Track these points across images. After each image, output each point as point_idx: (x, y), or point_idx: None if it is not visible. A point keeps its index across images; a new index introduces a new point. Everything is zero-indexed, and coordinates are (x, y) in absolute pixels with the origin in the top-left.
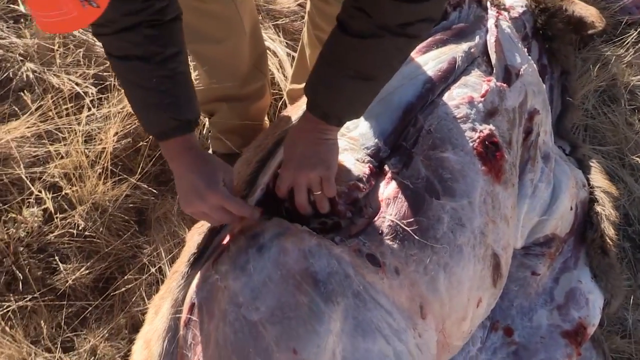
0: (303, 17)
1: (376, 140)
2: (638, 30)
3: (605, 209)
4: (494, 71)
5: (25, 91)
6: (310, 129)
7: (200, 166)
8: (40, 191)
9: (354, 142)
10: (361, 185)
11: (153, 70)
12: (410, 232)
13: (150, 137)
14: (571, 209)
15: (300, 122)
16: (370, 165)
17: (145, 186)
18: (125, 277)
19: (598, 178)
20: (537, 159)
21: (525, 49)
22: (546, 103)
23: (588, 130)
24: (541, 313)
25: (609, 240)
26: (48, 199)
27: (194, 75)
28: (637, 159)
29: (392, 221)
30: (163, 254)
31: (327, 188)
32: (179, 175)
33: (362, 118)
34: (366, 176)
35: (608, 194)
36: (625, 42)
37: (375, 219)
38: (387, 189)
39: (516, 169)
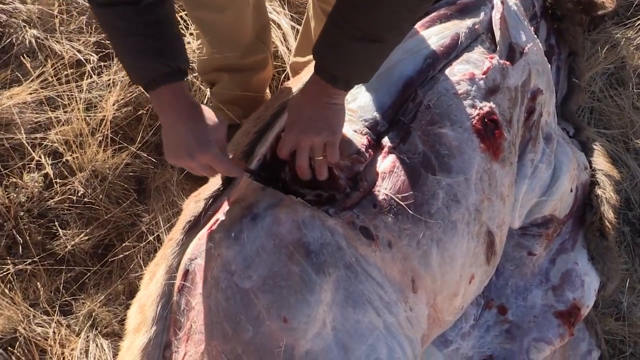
0: None
1: (375, 113)
2: None
3: (606, 192)
4: (498, 48)
5: (27, 57)
6: (318, 93)
7: (191, 119)
8: (40, 157)
9: (352, 114)
10: (362, 158)
11: (140, 14)
12: (405, 206)
13: (151, 105)
14: (571, 190)
15: (307, 86)
16: (368, 137)
17: (145, 155)
18: (124, 245)
19: (600, 161)
20: (538, 140)
21: (533, 28)
22: (550, 83)
23: (593, 113)
24: (536, 293)
25: (607, 224)
26: (48, 164)
27: (196, 44)
28: None
29: (387, 195)
30: (161, 222)
31: (331, 153)
32: (167, 126)
33: (362, 90)
34: (365, 147)
35: (610, 177)
36: (636, 24)
37: (371, 192)
38: (384, 163)
39: (515, 148)
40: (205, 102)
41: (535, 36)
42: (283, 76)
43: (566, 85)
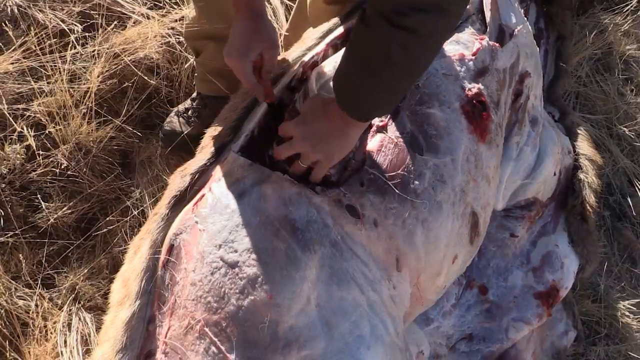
0: None
1: None
2: None
3: (588, 177)
4: (488, 30)
5: (9, 26)
6: (337, 115)
7: (247, 25)
8: (23, 128)
9: None
10: (349, 156)
11: None
12: (391, 185)
13: (136, 78)
14: (555, 174)
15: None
16: None
17: (130, 129)
18: (108, 219)
19: (584, 146)
20: (524, 122)
21: (523, 11)
22: (538, 66)
23: (579, 97)
24: (516, 274)
25: (588, 208)
26: (31, 136)
27: (188, 11)
28: (625, 129)
29: (374, 174)
30: (146, 197)
31: (316, 173)
32: (233, 22)
33: None
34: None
35: (592, 162)
36: (625, 10)
37: (358, 171)
38: (372, 141)
39: (502, 130)
40: (191, 72)
41: (525, 19)
42: None
43: (553, 69)
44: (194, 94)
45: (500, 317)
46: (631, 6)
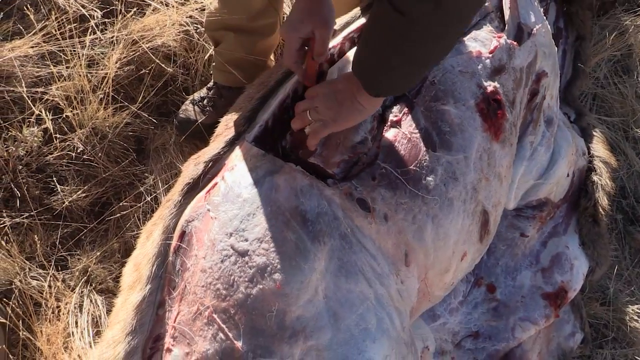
0: None
1: None
2: None
3: (602, 179)
4: (506, 28)
5: (30, 10)
6: (355, 80)
7: (306, 4)
8: (41, 111)
9: None
10: (364, 148)
11: None
12: (403, 181)
13: (153, 65)
14: (568, 175)
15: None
16: (376, 115)
17: (146, 115)
18: (121, 204)
19: (599, 148)
20: (539, 122)
21: (543, 10)
22: (556, 67)
23: (596, 99)
24: (525, 274)
25: (601, 210)
26: (48, 119)
27: (210, 1)
28: None
29: (386, 169)
30: (160, 183)
31: (314, 133)
32: (295, 2)
33: None
34: (371, 130)
35: (607, 164)
36: None
37: (370, 165)
38: (385, 136)
39: (516, 129)
40: (208, 61)
41: (545, 18)
42: None
43: (571, 70)
44: (210, 83)
45: (507, 316)
46: None
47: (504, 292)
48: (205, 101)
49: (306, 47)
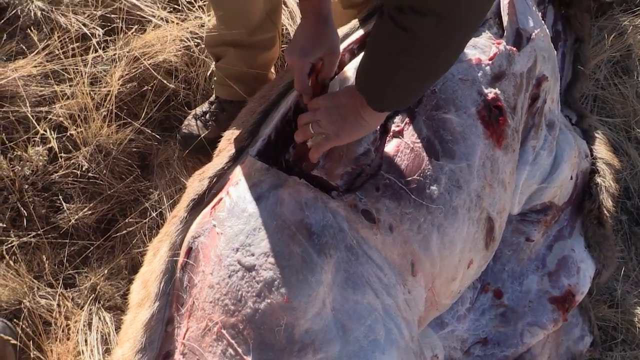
0: None
1: None
2: None
3: (606, 181)
4: (505, 34)
5: (32, 29)
6: (358, 96)
7: (313, 29)
8: (45, 130)
9: None
10: (367, 160)
11: None
12: (407, 190)
13: (155, 82)
14: (571, 178)
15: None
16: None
17: (149, 131)
18: (127, 220)
19: (602, 149)
20: (541, 126)
21: (541, 14)
22: (556, 70)
23: (597, 101)
24: (532, 278)
25: (606, 212)
26: (53, 138)
27: (207, 18)
28: None
29: (390, 179)
30: (164, 199)
31: (317, 147)
32: (300, 24)
33: None
34: (374, 141)
35: (610, 165)
36: None
37: (374, 176)
38: (388, 146)
39: (518, 135)
40: (209, 75)
41: (543, 22)
42: None
43: (571, 72)
44: (212, 98)
45: (515, 322)
46: None
47: (511, 297)
48: (207, 115)
49: (311, 70)
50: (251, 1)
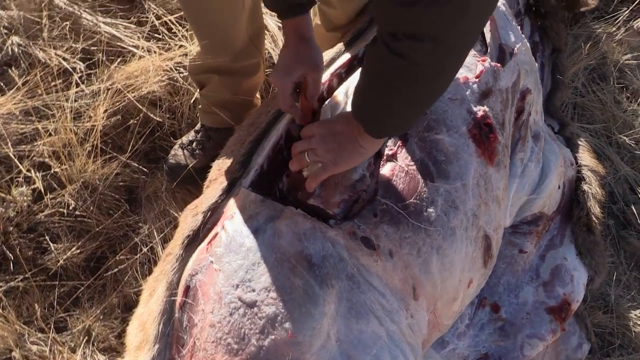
0: None
1: None
2: (630, 7)
3: (592, 188)
4: (488, 50)
5: (11, 66)
6: (355, 124)
7: (294, 48)
8: (29, 170)
9: None
10: (363, 186)
11: None
12: (405, 215)
13: (141, 114)
14: (559, 187)
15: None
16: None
17: (136, 164)
18: (117, 257)
19: (586, 157)
20: (527, 139)
21: (519, 26)
22: (538, 82)
23: (577, 108)
24: (527, 290)
25: (594, 219)
26: (37, 178)
27: (192, 47)
28: (624, 137)
29: (387, 204)
30: (155, 232)
31: (314, 176)
32: (283, 45)
33: None
34: (369, 167)
35: (595, 172)
36: (617, 20)
37: (371, 202)
38: (383, 171)
39: (508, 150)
40: (193, 103)
41: (523, 36)
42: None
43: (550, 82)
44: (198, 126)
45: (514, 335)
46: (624, 16)
47: (508, 310)
48: (194, 144)
49: (297, 90)
50: (234, 28)
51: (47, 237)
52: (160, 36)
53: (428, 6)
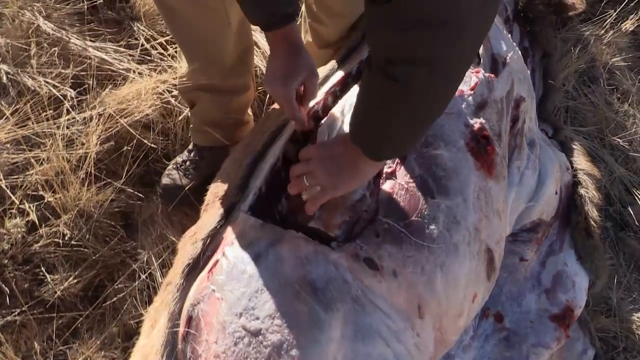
0: None
1: None
2: (617, 10)
3: (589, 192)
4: (481, 61)
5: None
6: (354, 147)
7: (288, 57)
8: (23, 202)
9: None
10: (364, 206)
11: None
12: (407, 233)
13: (134, 140)
14: (556, 193)
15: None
16: None
17: (130, 190)
18: (115, 285)
19: (581, 160)
20: (523, 146)
21: (509, 34)
22: (531, 89)
23: (569, 111)
24: (530, 298)
25: (592, 222)
26: (32, 211)
27: (183, 68)
28: (617, 139)
29: (389, 223)
30: (153, 258)
31: (314, 199)
32: (271, 55)
33: None
34: (369, 192)
35: (591, 176)
36: (605, 23)
37: (372, 221)
38: (382, 190)
39: (506, 161)
40: (187, 122)
41: (514, 44)
42: (267, 98)
43: (542, 87)
44: (190, 146)
45: (519, 344)
46: (611, 18)
47: (512, 319)
48: (187, 164)
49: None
50: (222, 46)
51: (43, 268)
52: (151, 58)
53: (422, 31)
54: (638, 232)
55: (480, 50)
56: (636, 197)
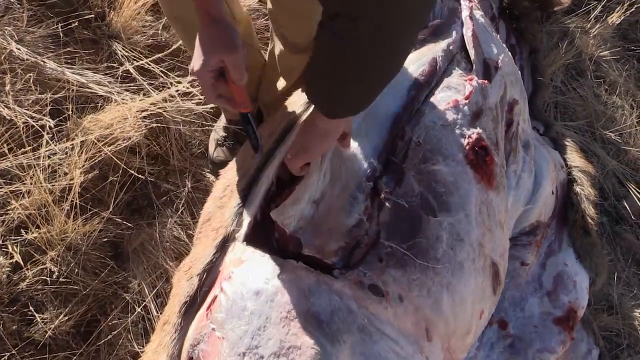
0: (265, 15)
1: (371, 160)
2: (602, 3)
3: (584, 189)
4: (474, 67)
5: None
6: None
7: (205, 34)
8: (5, 241)
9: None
10: (360, 231)
11: None
12: (411, 256)
13: (120, 169)
14: (552, 192)
15: None
16: (367, 191)
17: (119, 219)
18: (109, 320)
19: (574, 157)
20: (518, 149)
21: (498, 35)
22: (523, 90)
23: (558, 106)
24: (532, 301)
25: (589, 220)
26: (16, 252)
27: (178, 88)
28: (609, 133)
29: (392, 247)
30: (146, 289)
31: (288, 163)
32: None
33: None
34: (366, 216)
35: (585, 172)
36: (590, 16)
37: (374, 246)
38: (383, 211)
39: (504, 169)
40: (176, 140)
41: (504, 46)
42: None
43: (531, 84)
44: (224, 122)
45: (525, 350)
46: (596, 10)
47: (516, 325)
48: (227, 140)
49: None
50: None
51: (31, 307)
52: (132, 77)
53: None
54: (634, 225)
55: (472, 57)
56: (630, 190)
